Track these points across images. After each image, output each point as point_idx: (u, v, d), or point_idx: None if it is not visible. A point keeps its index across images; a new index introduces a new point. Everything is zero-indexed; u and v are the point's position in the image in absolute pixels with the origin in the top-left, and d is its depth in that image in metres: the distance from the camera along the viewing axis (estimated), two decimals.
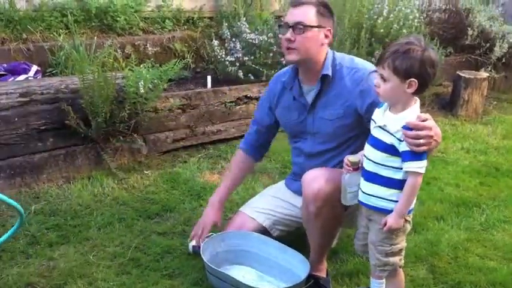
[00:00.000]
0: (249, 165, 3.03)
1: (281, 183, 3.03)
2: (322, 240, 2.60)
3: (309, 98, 2.67)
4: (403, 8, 5.42)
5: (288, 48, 2.55)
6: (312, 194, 2.44)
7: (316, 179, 2.45)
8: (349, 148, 2.62)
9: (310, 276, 2.53)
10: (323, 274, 2.66)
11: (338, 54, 2.67)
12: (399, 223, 2.18)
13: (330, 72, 2.59)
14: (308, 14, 2.51)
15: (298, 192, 2.63)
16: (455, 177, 4.12)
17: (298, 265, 2.55)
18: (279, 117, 2.84)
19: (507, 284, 2.75)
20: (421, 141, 2.07)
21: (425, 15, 6.24)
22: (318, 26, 2.52)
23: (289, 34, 2.52)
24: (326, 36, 2.57)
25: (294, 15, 2.53)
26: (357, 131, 2.60)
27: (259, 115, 2.94)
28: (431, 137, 2.09)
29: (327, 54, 2.62)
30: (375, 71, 2.50)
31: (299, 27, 2.50)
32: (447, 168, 4.30)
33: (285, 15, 2.63)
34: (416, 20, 5.54)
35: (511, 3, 6.99)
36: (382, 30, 5.27)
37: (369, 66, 2.62)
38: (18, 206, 2.50)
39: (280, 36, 2.60)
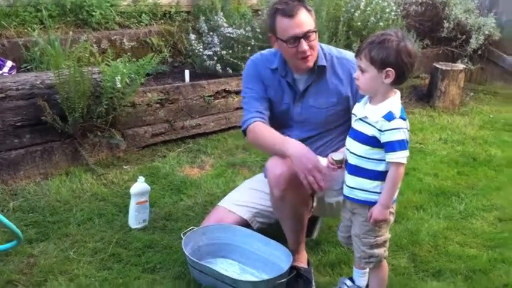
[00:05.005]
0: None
1: (259, 175, 3.02)
2: (293, 226, 2.58)
3: (301, 86, 2.69)
4: (380, 1, 5.45)
5: (308, 56, 2.54)
6: (274, 178, 2.43)
7: (278, 164, 2.44)
8: (331, 133, 2.68)
9: (291, 268, 2.52)
10: (304, 264, 2.65)
11: (324, 45, 2.70)
12: (384, 215, 2.19)
13: (325, 63, 2.63)
14: (308, 17, 2.50)
15: None
16: (433, 168, 4.17)
17: (280, 257, 2.55)
18: (272, 99, 2.72)
19: (487, 271, 2.78)
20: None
21: (402, 8, 6.30)
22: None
23: (305, 45, 2.49)
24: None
25: (299, 25, 2.47)
26: (344, 119, 2.63)
27: (255, 87, 2.71)
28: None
29: None
30: None
31: (312, 34, 2.50)
32: (425, 159, 4.34)
33: (285, 29, 2.49)
34: (393, 13, 5.58)
35: None
36: (359, 24, 5.29)
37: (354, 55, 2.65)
38: (18, 231, 2.48)
39: (292, 48, 2.51)
